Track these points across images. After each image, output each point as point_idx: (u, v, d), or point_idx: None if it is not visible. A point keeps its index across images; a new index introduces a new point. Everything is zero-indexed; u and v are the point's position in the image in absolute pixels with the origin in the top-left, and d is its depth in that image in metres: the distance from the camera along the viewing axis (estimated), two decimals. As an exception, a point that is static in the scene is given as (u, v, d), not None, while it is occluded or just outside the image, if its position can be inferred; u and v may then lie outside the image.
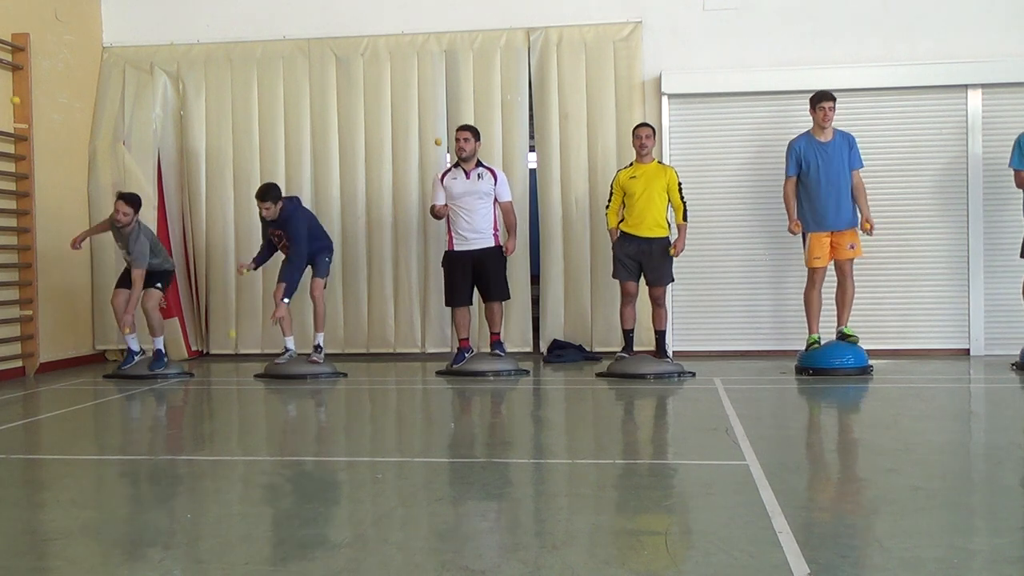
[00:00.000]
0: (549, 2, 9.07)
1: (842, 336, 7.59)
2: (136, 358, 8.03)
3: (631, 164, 7.90)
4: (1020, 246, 7.77)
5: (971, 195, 8.58)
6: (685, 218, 7.77)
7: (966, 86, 8.57)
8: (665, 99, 8.85)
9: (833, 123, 7.72)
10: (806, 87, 8.63)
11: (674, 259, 7.81)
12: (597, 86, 8.91)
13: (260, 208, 7.89)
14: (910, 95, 8.68)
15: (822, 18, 8.77)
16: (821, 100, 7.60)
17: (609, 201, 7.98)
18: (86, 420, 6.31)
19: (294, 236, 7.90)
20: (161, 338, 8.03)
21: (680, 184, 7.78)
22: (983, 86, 8.54)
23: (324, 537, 3.35)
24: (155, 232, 9.16)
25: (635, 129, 7.90)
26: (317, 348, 8.08)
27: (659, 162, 7.92)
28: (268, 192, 7.87)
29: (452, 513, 3.70)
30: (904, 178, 8.68)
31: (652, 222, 7.72)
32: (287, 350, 8.03)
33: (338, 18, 9.31)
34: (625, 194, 7.79)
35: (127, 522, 3.64)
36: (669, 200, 7.77)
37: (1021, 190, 7.71)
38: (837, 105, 8.58)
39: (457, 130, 7.92)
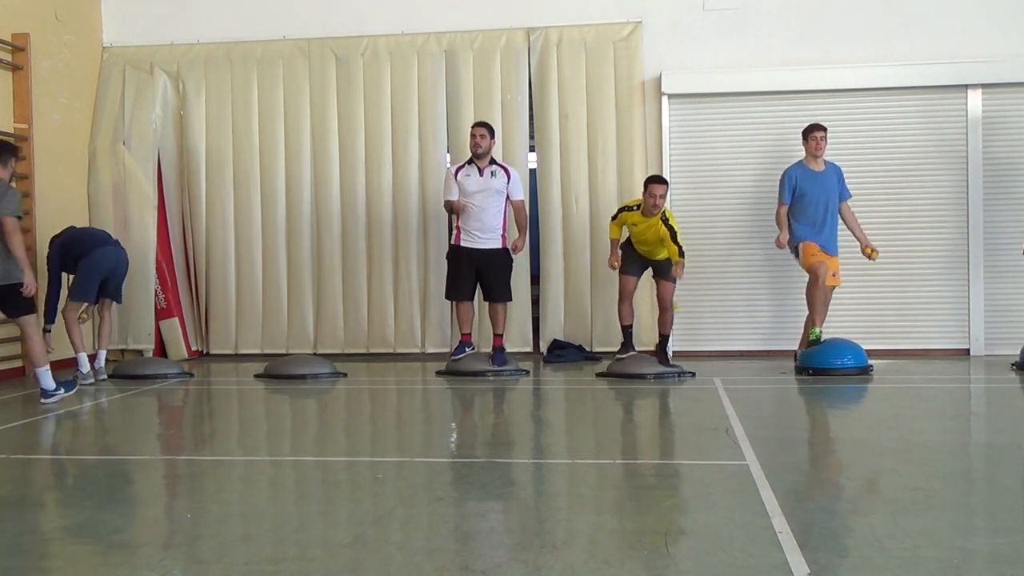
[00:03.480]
0: (549, 2, 9.06)
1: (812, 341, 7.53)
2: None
3: (637, 208, 7.61)
4: None
5: (971, 195, 8.58)
6: (682, 255, 7.52)
7: (966, 86, 8.56)
8: (665, 99, 8.84)
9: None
10: (806, 87, 8.67)
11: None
12: (597, 86, 8.91)
13: None
14: (910, 95, 8.67)
15: (822, 18, 8.76)
16: (813, 131, 7.67)
17: (615, 218, 7.88)
18: (86, 420, 6.31)
19: None
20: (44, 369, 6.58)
21: (675, 233, 7.51)
22: (983, 86, 8.53)
23: (324, 537, 3.35)
24: (156, 232, 9.19)
25: (651, 186, 7.50)
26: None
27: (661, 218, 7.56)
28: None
29: (452, 513, 3.70)
30: (904, 178, 8.67)
31: (660, 253, 7.72)
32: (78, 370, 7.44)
33: (338, 18, 9.30)
34: (628, 225, 7.76)
35: (127, 522, 3.64)
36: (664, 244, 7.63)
37: None
38: (838, 105, 8.65)
39: (473, 126, 7.90)
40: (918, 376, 7.52)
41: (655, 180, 7.63)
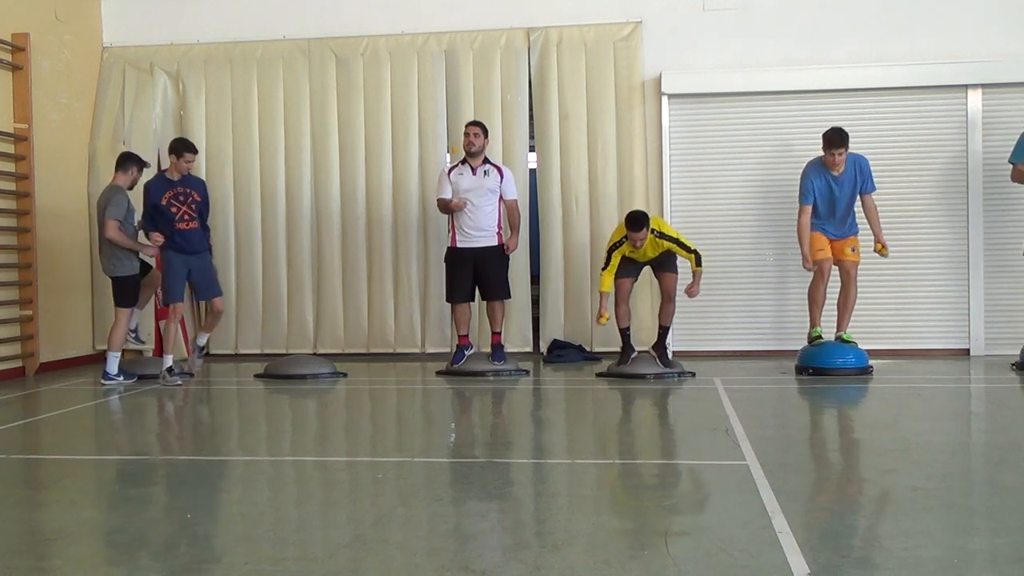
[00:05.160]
0: (549, 2, 9.06)
1: (841, 342, 7.57)
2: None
3: (626, 239, 7.23)
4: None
5: (971, 195, 8.58)
6: (699, 264, 7.37)
7: (966, 86, 8.56)
8: (665, 99, 8.84)
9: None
10: (806, 87, 8.67)
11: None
12: (597, 86, 8.91)
13: (181, 162, 7.50)
14: (910, 95, 8.67)
15: (822, 18, 8.76)
16: (830, 147, 7.35)
17: (606, 266, 7.39)
18: (86, 420, 6.31)
19: (208, 203, 7.82)
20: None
21: (679, 241, 7.33)
22: (983, 86, 8.53)
23: (324, 537, 3.35)
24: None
25: (630, 233, 7.11)
26: (201, 349, 8.05)
27: (651, 233, 7.23)
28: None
29: (452, 513, 3.70)
30: (904, 178, 8.67)
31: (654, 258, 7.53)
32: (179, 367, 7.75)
33: (338, 18, 9.30)
34: (625, 257, 7.40)
35: (127, 522, 3.64)
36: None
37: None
38: (838, 105, 8.66)
39: (467, 125, 7.91)
40: (918, 376, 7.52)
41: (632, 226, 7.13)
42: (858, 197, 7.60)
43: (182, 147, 7.58)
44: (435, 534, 3.41)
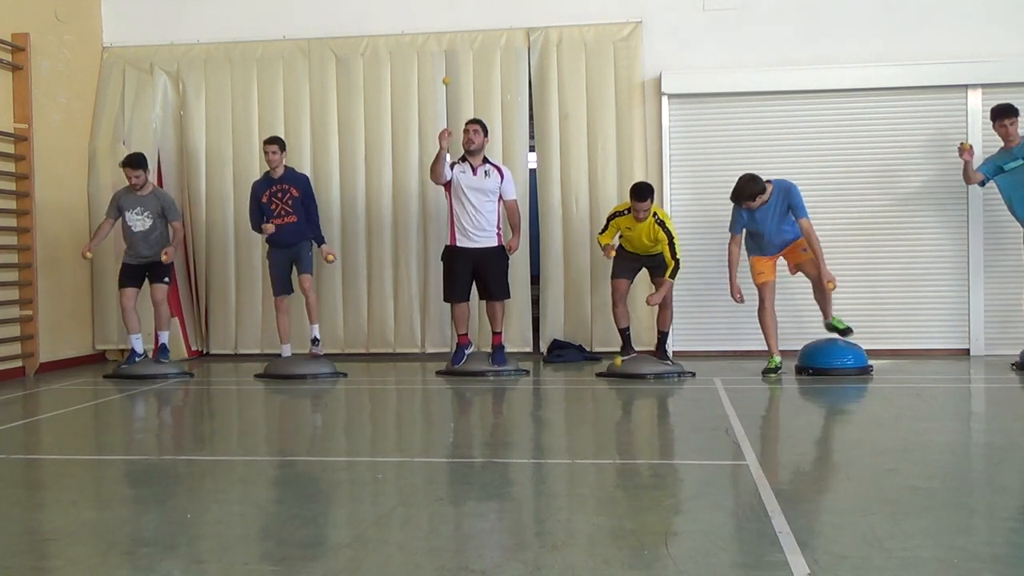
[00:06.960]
0: (549, 2, 9.06)
1: (831, 328, 7.52)
2: (137, 359, 8.04)
3: (628, 212, 7.48)
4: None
5: (971, 195, 8.58)
6: (673, 275, 7.44)
7: (966, 86, 8.56)
8: (665, 99, 8.85)
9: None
10: (806, 87, 8.68)
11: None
12: (597, 86, 8.91)
13: (267, 153, 8.00)
14: (910, 95, 8.68)
15: (822, 18, 8.76)
16: (739, 201, 7.29)
17: (604, 231, 7.70)
18: (86, 420, 6.31)
19: (312, 197, 8.18)
20: (167, 333, 8.22)
21: (672, 241, 7.40)
22: (983, 86, 8.53)
23: (324, 537, 3.35)
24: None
25: (634, 202, 7.32)
26: (315, 341, 8.13)
27: (653, 217, 7.43)
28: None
29: (452, 513, 3.70)
30: (904, 178, 8.68)
31: (651, 250, 7.62)
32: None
33: (338, 18, 9.31)
34: (621, 230, 7.63)
35: (127, 522, 3.64)
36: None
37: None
38: (838, 105, 8.67)
39: (467, 123, 7.90)
40: (918, 376, 7.52)
41: (636, 196, 7.32)
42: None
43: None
44: (435, 534, 3.41)
